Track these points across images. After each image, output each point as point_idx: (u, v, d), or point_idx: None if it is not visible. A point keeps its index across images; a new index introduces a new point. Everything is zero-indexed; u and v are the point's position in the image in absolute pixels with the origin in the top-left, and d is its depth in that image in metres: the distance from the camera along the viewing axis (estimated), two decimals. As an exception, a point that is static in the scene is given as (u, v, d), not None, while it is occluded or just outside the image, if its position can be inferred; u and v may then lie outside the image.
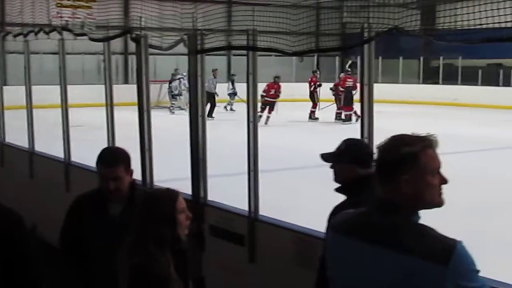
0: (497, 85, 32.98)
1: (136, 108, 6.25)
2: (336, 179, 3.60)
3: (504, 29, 3.38)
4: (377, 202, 2.48)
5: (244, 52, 5.10)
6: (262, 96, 23.31)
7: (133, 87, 6.35)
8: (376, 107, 4.32)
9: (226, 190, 6.24)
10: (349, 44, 4.48)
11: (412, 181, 2.38)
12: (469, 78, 33.88)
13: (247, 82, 5.09)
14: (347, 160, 3.53)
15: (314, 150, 4.13)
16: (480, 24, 3.54)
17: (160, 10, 7.61)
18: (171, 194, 3.35)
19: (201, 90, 5.62)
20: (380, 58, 30.45)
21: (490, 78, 32.91)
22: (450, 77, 35.08)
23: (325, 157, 3.61)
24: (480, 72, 33.79)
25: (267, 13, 5.31)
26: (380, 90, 22.81)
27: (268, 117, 23.41)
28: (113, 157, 4.01)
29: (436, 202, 2.44)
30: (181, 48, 5.79)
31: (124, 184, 3.94)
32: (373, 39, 3.89)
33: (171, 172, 7.95)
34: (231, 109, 29.67)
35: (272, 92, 24.03)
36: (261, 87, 23.88)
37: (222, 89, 28.43)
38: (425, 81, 37.16)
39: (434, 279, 2.26)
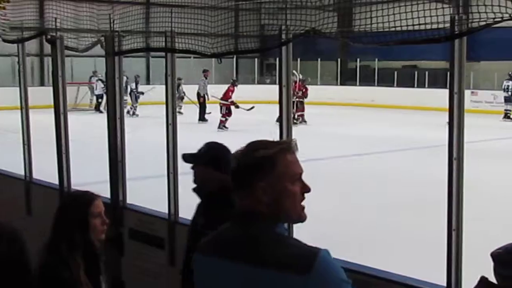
0: (412, 86, 33.81)
1: (52, 110, 6.12)
2: (195, 180, 3.67)
3: (418, 31, 3.45)
4: (236, 214, 2.29)
5: (163, 54, 5.07)
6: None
7: (49, 90, 6.22)
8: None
9: (147, 193, 6.18)
10: (267, 46, 4.50)
11: (270, 188, 2.19)
12: (385, 79, 34.66)
13: (166, 84, 5.05)
14: (204, 162, 3.58)
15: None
16: (395, 27, 3.60)
17: (76, 11, 7.46)
18: (85, 198, 3.31)
19: (119, 92, 5.55)
20: (298, 60, 30.77)
21: (405, 80, 33.72)
22: (367, 79, 35.80)
23: (185, 157, 3.67)
24: (396, 73, 34.58)
25: (185, 15, 5.28)
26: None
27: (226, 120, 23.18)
28: None
29: (298, 213, 2.25)
30: (99, 49, 5.70)
31: None
32: (290, 41, 3.92)
33: (92, 175, 7.83)
34: (179, 112, 29.21)
35: (231, 95, 23.77)
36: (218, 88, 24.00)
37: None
38: (343, 83, 37.78)
39: None
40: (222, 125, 22.95)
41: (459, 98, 3.06)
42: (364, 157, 16.27)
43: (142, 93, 28.20)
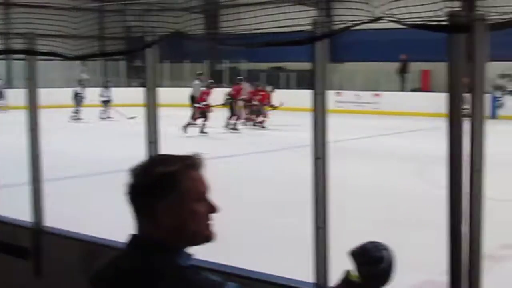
0: (278, 87, 34.41)
1: None
2: None
3: (283, 33, 3.49)
4: (132, 241, 2.01)
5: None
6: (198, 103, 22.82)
7: None
8: (164, 111, 4.31)
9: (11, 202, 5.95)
10: (132, 48, 4.42)
11: (171, 210, 1.94)
12: (254, 80, 35.09)
13: (27, 87, 4.87)
14: None
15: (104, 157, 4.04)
16: (261, 29, 3.64)
17: None
18: None
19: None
20: (167, 62, 30.64)
21: (273, 81, 34.29)
22: (236, 80, 36.09)
23: None
24: (264, 75, 35.09)
25: (47, 16, 5.11)
26: (168, 94, 22.99)
27: (204, 125, 22.51)
28: None
29: (204, 235, 2.03)
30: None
31: None
32: (155, 43, 3.87)
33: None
34: (108, 117, 28.37)
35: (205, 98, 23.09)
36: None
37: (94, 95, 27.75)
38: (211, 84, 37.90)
39: None
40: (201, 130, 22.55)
41: (322, 98, 3.13)
42: (233, 158, 16.40)
43: (82, 97, 27.93)
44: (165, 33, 3.87)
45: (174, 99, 27.86)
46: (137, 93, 5.61)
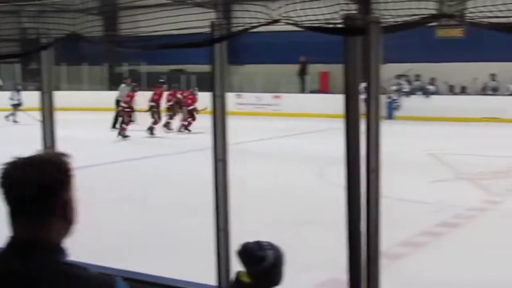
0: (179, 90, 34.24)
1: None
2: None
3: (182, 36, 3.48)
4: (12, 240, 1.93)
5: None
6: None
7: None
8: (61, 115, 4.22)
9: None
10: (27, 50, 4.30)
11: (65, 207, 1.94)
12: (154, 83, 34.77)
13: None
14: None
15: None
16: (159, 31, 3.61)
17: None
18: None
19: None
20: (64, 64, 29.99)
21: (174, 83, 34.09)
22: (136, 83, 35.65)
23: None
24: (165, 77, 34.83)
25: None
26: (66, 97, 22.46)
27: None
28: None
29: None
30: None
31: None
32: (51, 45, 3.78)
33: None
34: (14, 121, 27.22)
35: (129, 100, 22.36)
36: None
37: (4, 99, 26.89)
38: (111, 88, 37.34)
39: None
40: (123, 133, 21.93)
41: (221, 100, 3.13)
42: (134, 162, 16.21)
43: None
44: (61, 35, 3.78)
45: (72, 102, 27.37)
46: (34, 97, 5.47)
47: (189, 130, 23.45)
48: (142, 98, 23.08)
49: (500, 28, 2.88)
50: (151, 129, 22.51)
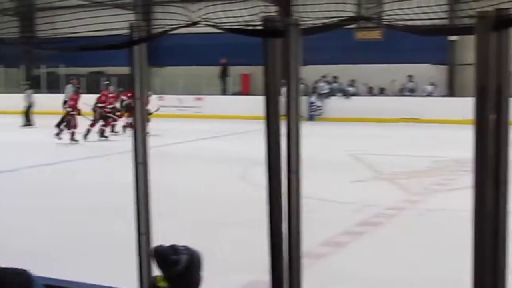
0: (98, 92, 33.74)
1: None
2: None
3: (101, 37, 3.43)
4: None
5: None
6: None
7: None
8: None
9: None
10: None
11: None
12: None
13: None
14: None
15: None
16: (76, 33, 3.56)
17: None
18: None
19: None
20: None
21: (93, 86, 33.58)
22: (54, 86, 34.95)
23: None
24: (84, 80, 34.28)
25: None
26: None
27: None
28: None
29: None
30: None
31: None
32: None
33: None
34: None
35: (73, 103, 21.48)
36: None
37: None
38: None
39: None
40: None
41: (140, 103, 3.10)
42: (56, 166, 15.90)
43: None
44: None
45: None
46: None
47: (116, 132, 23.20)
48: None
49: (416, 30, 2.95)
50: (101, 132, 22.18)
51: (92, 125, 21.92)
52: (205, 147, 19.83)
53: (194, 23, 2.78)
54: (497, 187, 2.52)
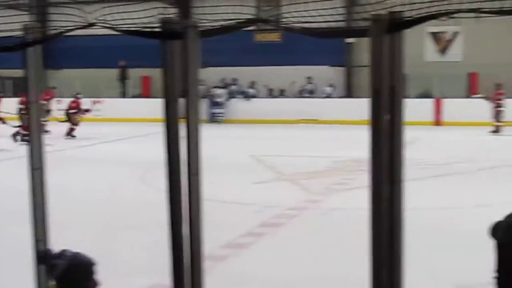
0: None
1: None
2: None
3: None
4: None
5: None
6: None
7: None
8: None
9: None
10: None
11: None
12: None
13: None
14: None
15: None
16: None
17: None
18: None
19: None
20: None
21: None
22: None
23: None
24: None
25: None
26: None
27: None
28: None
29: None
30: None
31: None
32: None
33: None
34: None
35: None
36: None
37: None
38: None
39: None
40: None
41: (36, 107, 3.02)
42: None
43: None
44: None
45: None
46: None
47: (74, 136, 22.81)
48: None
49: (313, 33, 3.01)
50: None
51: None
52: (105, 150, 19.53)
53: (90, 25, 2.74)
54: (392, 186, 2.59)
